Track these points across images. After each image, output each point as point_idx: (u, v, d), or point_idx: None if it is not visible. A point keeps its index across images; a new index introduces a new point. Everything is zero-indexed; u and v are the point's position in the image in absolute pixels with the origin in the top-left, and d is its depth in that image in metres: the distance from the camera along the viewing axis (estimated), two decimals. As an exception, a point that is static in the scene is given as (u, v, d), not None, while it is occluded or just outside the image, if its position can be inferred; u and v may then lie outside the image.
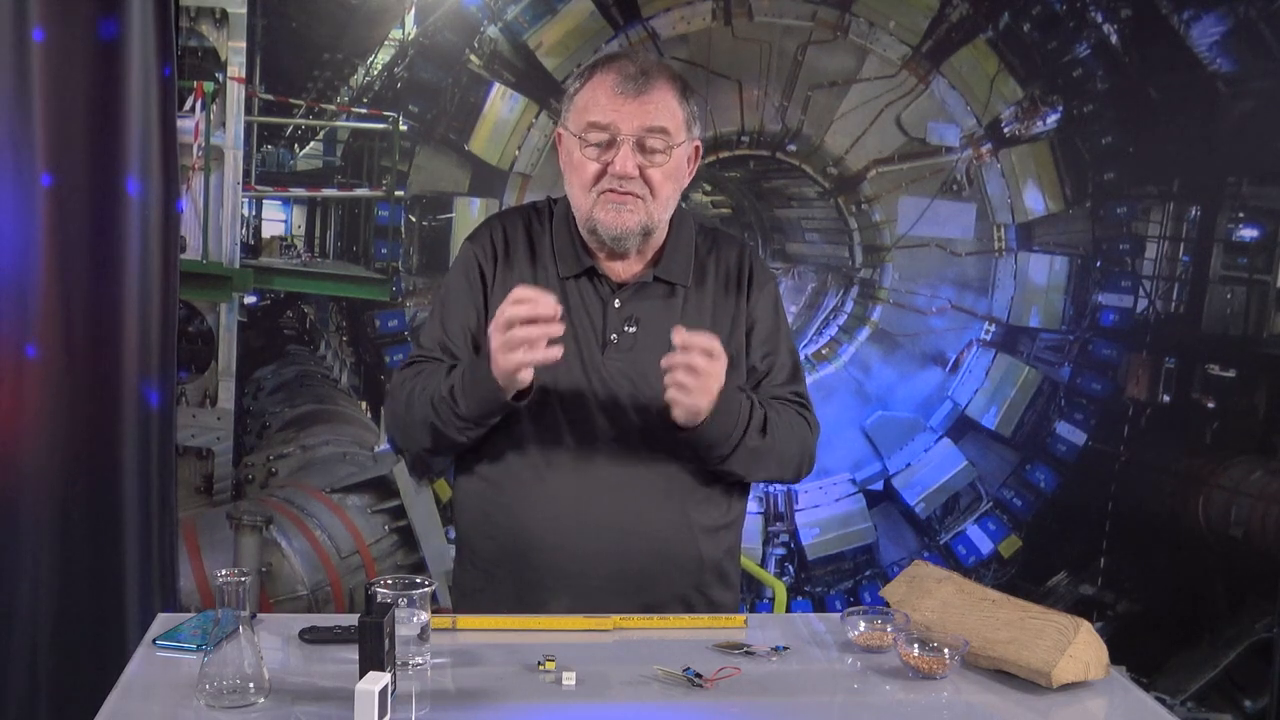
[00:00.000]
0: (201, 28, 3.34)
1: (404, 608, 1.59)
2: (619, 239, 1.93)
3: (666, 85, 1.92)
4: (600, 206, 1.91)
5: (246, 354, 3.46)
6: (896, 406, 3.67)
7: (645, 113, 1.89)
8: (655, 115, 1.89)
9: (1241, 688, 3.67)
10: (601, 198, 1.91)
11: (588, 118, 1.90)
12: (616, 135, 1.89)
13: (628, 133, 1.88)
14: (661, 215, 1.95)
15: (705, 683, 1.63)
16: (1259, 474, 3.64)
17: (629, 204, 1.91)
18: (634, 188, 1.90)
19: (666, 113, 1.90)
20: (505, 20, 3.43)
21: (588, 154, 1.91)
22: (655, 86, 1.90)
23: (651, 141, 1.90)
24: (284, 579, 3.44)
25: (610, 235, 1.93)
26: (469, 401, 1.86)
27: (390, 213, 3.48)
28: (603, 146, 1.90)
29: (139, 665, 1.65)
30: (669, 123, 1.90)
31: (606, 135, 1.89)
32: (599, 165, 1.91)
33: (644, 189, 1.91)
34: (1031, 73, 3.60)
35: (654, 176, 1.91)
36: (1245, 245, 3.69)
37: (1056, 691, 1.64)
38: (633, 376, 1.95)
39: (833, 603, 3.67)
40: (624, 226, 1.92)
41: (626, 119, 1.88)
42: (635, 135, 1.89)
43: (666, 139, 1.90)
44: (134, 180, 2.99)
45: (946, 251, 3.66)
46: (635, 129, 1.88)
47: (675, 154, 1.92)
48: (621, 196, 1.90)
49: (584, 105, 1.92)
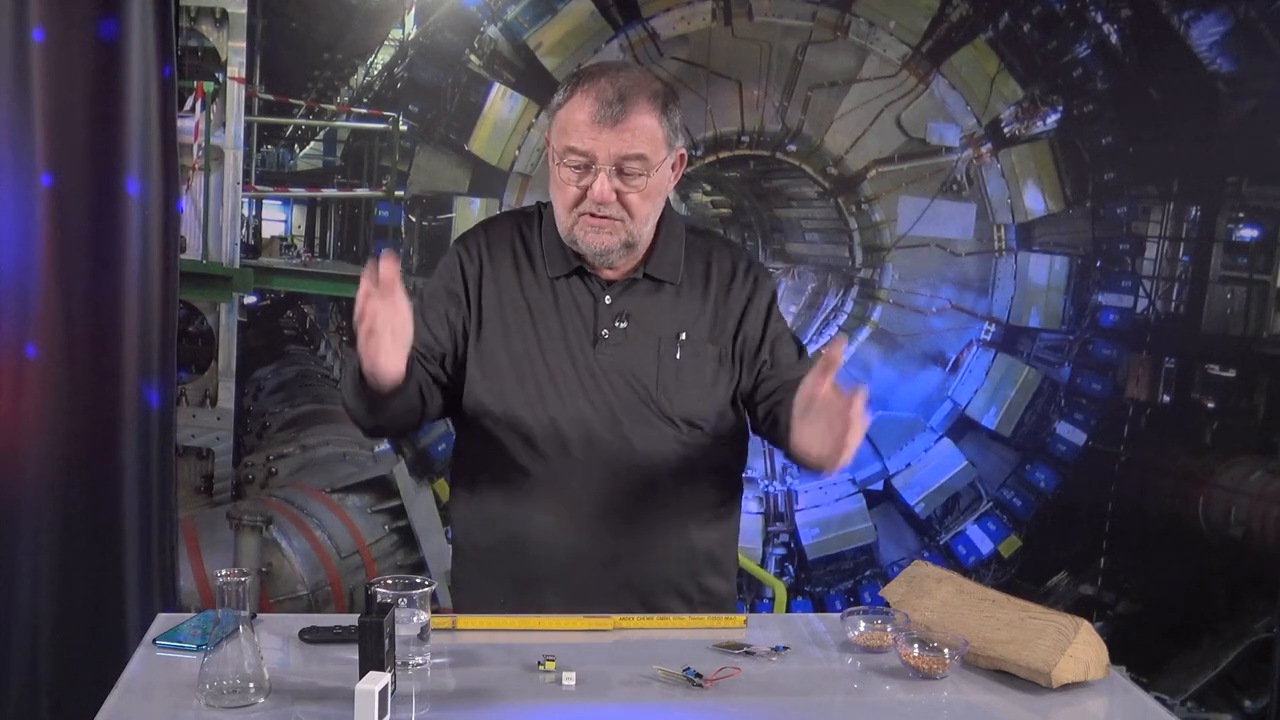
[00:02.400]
0: (201, 28, 3.34)
1: (404, 608, 1.59)
2: (600, 256, 1.96)
3: (645, 107, 1.90)
4: (580, 228, 1.93)
5: (246, 354, 3.46)
6: (896, 406, 3.67)
7: (622, 141, 1.88)
8: (633, 142, 1.89)
9: (1241, 688, 3.67)
10: (581, 219, 1.93)
11: (566, 142, 1.91)
12: (594, 163, 1.89)
13: (604, 161, 1.88)
14: (641, 230, 1.97)
15: (705, 683, 1.63)
16: (1259, 474, 3.64)
17: (607, 227, 1.92)
18: (611, 212, 1.91)
19: (644, 138, 1.90)
20: (505, 20, 3.43)
21: (567, 176, 1.92)
22: (633, 113, 1.89)
23: (630, 166, 1.90)
24: (284, 579, 3.44)
25: (591, 253, 1.95)
26: (351, 396, 1.88)
27: (390, 213, 3.48)
28: (581, 170, 1.91)
29: (139, 665, 1.64)
30: (647, 148, 1.90)
31: (584, 160, 1.90)
32: (578, 190, 1.91)
33: (621, 212, 1.92)
34: (1031, 73, 3.60)
35: (632, 200, 1.92)
36: (1245, 245, 3.69)
37: (1056, 691, 1.64)
38: (624, 371, 1.97)
39: (833, 603, 3.67)
40: (603, 246, 1.93)
41: (603, 146, 1.88)
42: (612, 164, 1.89)
43: (644, 164, 1.90)
44: (134, 180, 2.99)
45: (946, 251, 3.66)
46: (612, 158, 1.88)
47: (654, 175, 1.93)
48: (599, 221, 1.91)
49: (564, 127, 1.92)
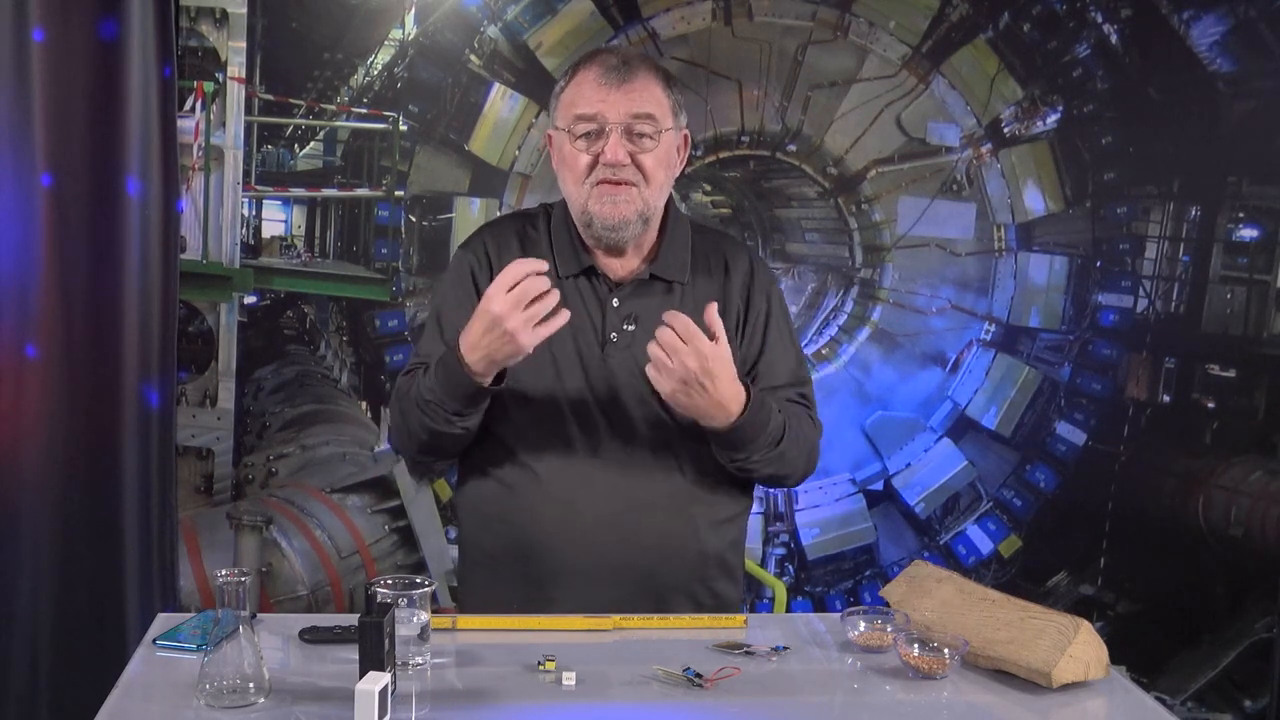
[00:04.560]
0: (201, 28, 3.34)
1: (404, 608, 1.59)
2: (616, 228, 1.94)
3: (650, 74, 1.94)
4: (595, 199, 1.92)
5: (246, 354, 3.46)
6: (896, 406, 3.67)
7: (631, 100, 1.91)
8: (641, 102, 1.91)
9: (1241, 688, 3.67)
10: (596, 190, 1.92)
11: (575, 110, 1.92)
12: (605, 124, 1.90)
13: (615, 121, 1.90)
14: (656, 202, 1.96)
15: (705, 683, 1.63)
16: (1259, 474, 3.64)
17: (623, 193, 1.92)
18: (627, 175, 1.91)
19: (652, 99, 1.92)
20: (505, 20, 3.43)
21: (578, 146, 1.93)
22: (639, 75, 1.92)
23: (640, 127, 1.91)
24: (284, 579, 3.44)
25: (607, 226, 1.93)
26: (449, 396, 1.86)
27: (390, 213, 3.48)
28: (591, 137, 1.92)
29: (139, 665, 1.65)
30: (655, 109, 1.92)
31: (595, 125, 1.91)
32: (589, 156, 1.92)
33: (637, 175, 1.92)
34: (1031, 73, 3.60)
35: (645, 162, 1.92)
36: (1245, 245, 3.69)
37: (1056, 691, 1.64)
38: (633, 374, 1.96)
39: (833, 603, 3.67)
40: (620, 216, 1.92)
41: (613, 107, 1.90)
42: (623, 123, 1.90)
43: (654, 124, 1.92)
44: (134, 180, 2.99)
45: (946, 251, 3.66)
46: (622, 116, 1.90)
47: (664, 139, 1.94)
48: (615, 187, 1.91)
49: (570, 100, 1.94)
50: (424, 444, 1.96)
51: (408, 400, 1.93)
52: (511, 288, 1.76)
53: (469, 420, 1.90)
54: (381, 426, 3.51)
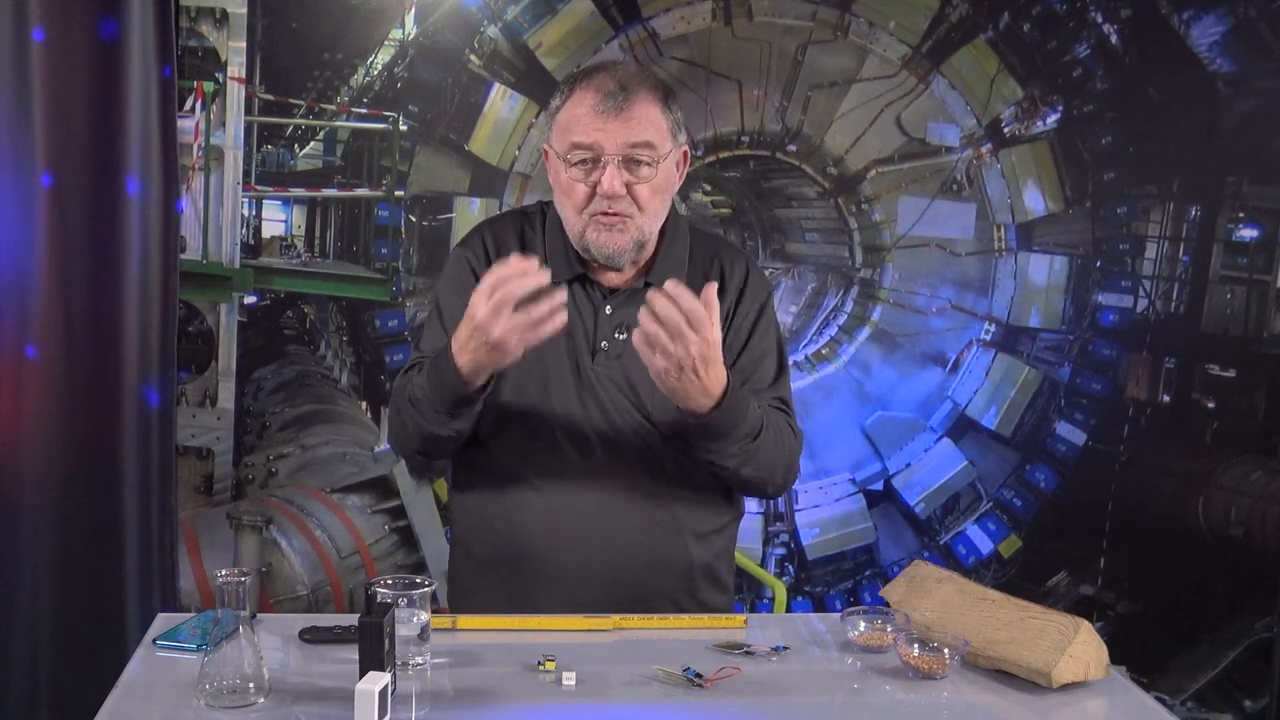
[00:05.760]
0: (201, 28, 3.34)
1: (404, 608, 1.59)
2: (612, 257, 1.93)
3: (648, 97, 1.90)
4: (591, 228, 1.91)
5: (246, 354, 3.46)
6: (896, 406, 3.67)
7: (629, 129, 1.87)
8: (639, 131, 1.88)
9: (1241, 688, 3.67)
10: (593, 220, 1.90)
11: (571, 138, 1.89)
12: (601, 155, 1.87)
13: (612, 152, 1.87)
14: (652, 227, 1.95)
15: (705, 683, 1.63)
16: (1259, 474, 3.64)
17: (619, 224, 1.90)
18: (622, 207, 1.89)
19: (650, 127, 1.89)
20: (505, 20, 3.43)
21: (574, 175, 1.90)
22: (637, 101, 1.88)
23: (638, 155, 1.88)
24: (284, 579, 3.44)
25: (604, 255, 1.92)
26: (439, 397, 1.85)
27: (390, 213, 3.48)
28: (588, 165, 1.89)
29: (139, 665, 1.65)
30: (653, 136, 1.89)
31: (591, 154, 1.88)
32: (586, 187, 1.89)
33: (632, 207, 1.90)
34: (1031, 73, 3.60)
35: (641, 193, 1.90)
36: (1245, 245, 3.69)
37: (1056, 691, 1.64)
38: (623, 383, 1.95)
39: (833, 603, 3.67)
40: (615, 246, 1.91)
41: (610, 137, 1.87)
42: (620, 154, 1.87)
43: (653, 152, 1.89)
44: (134, 180, 2.99)
45: (946, 251, 3.66)
46: (620, 147, 1.87)
47: (662, 167, 1.91)
48: (611, 218, 1.89)
49: (566, 124, 1.90)
50: (420, 443, 1.96)
51: (403, 398, 1.93)
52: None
53: (459, 423, 1.90)
54: (381, 426, 3.51)
